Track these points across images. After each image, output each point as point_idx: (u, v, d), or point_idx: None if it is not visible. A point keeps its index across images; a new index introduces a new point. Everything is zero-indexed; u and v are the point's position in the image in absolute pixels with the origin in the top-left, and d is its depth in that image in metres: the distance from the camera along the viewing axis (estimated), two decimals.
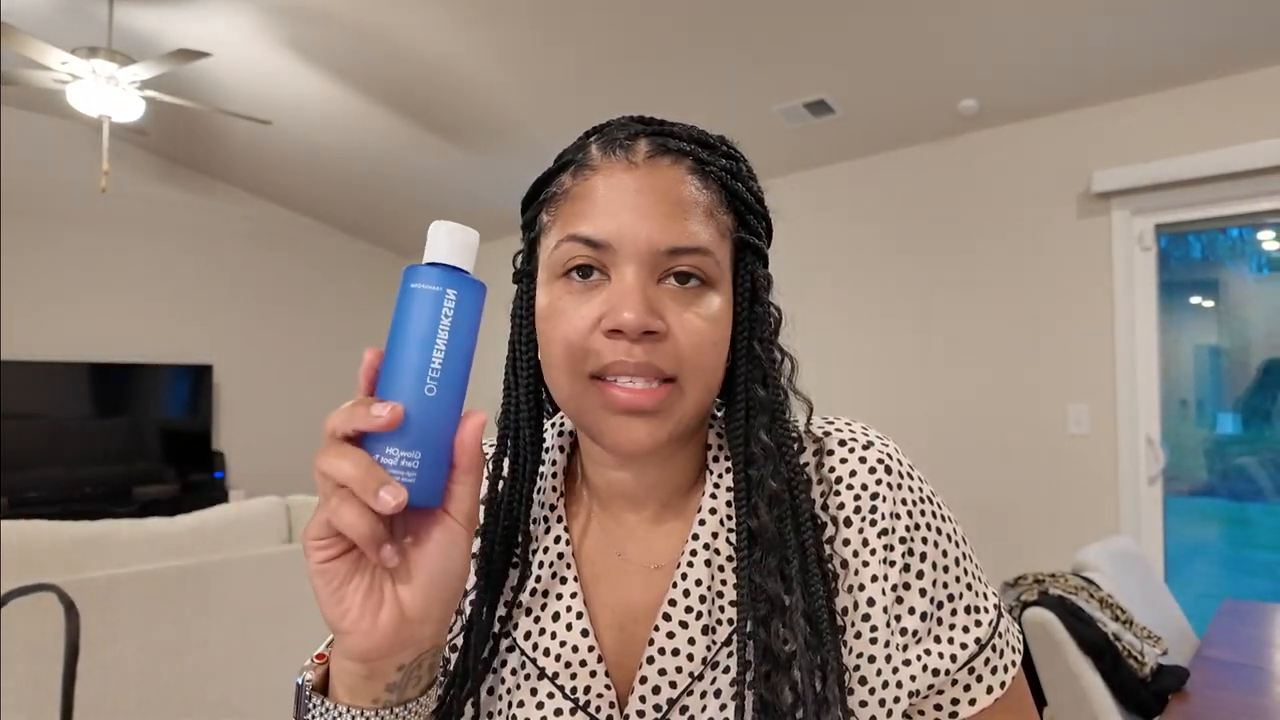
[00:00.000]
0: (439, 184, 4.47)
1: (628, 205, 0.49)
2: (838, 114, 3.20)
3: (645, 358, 0.48)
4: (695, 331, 0.50)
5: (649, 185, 0.50)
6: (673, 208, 0.50)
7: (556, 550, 0.58)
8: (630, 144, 0.51)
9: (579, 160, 0.53)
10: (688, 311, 0.50)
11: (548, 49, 3.01)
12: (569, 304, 0.51)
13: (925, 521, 0.55)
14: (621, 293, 0.48)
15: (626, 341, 0.48)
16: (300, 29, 3.05)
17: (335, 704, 0.45)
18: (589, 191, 0.51)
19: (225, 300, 4.99)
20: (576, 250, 0.50)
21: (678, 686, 0.52)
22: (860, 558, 0.53)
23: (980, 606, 0.56)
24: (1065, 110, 3.01)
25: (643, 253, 0.49)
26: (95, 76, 2.79)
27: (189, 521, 1.88)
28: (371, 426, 0.40)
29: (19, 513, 3.79)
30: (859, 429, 0.58)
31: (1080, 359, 2.97)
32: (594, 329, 0.49)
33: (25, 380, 4.11)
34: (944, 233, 3.33)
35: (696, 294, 0.51)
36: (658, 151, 0.51)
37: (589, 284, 0.51)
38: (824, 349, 3.65)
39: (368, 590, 0.42)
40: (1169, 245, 3.02)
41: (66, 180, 4.32)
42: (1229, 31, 2.46)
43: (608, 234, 0.49)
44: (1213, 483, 3.04)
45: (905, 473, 0.56)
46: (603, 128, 0.55)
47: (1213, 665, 1.60)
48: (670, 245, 0.49)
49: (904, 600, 0.53)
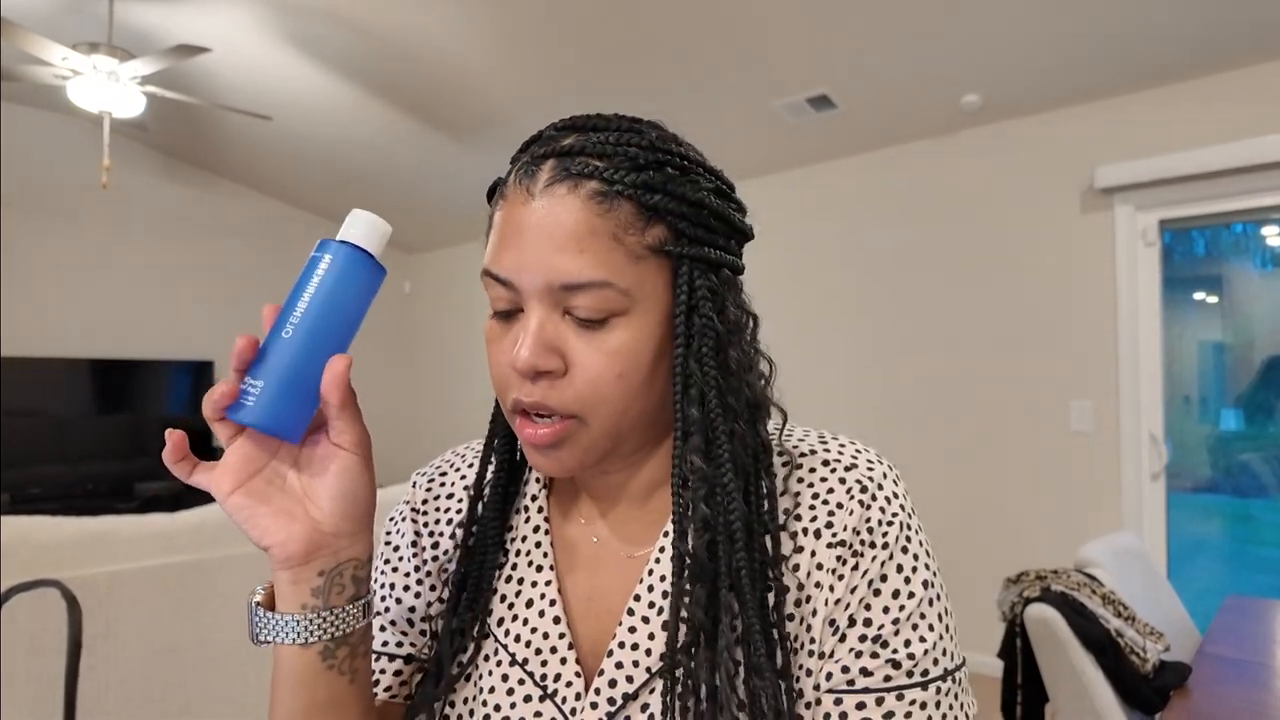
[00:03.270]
0: (439, 179, 4.47)
1: (525, 240, 0.49)
2: (839, 109, 3.19)
3: (539, 396, 0.50)
4: (591, 368, 0.50)
5: (543, 218, 0.49)
6: (566, 241, 0.48)
7: (534, 539, 0.60)
8: (535, 170, 0.51)
9: (501, 183, 0.54)
10: (588, 347, 0.50)
11: (548, 43, 3.00)
12: (495, 336, 0.53)
13: (884, 542, 0.52)
14: (522, 333, 0.50)
15: (525, 380, 0.50)
16: (300, 24, 3.04)
17: (279, 614, 0.49)
18: (499, 223, 0.52)
19: (226, 296, 4.99)
20: (492, 288, 0.52)
21: (634, 681, 0.53)
22: (814, 568, 0.53)
23: (894, 648, 0.50)
24: (1068, 105, 3.00)
25: (540, 290, 0.49)
26: (96, 72, 2.78)
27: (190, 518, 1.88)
28: (234, 354, 0.46)
29: (21, 509, 3.80)
30: (851, 451, 0.57)
31: (1083, 355, 2.96)
32: (510, 362, 0.51)
33: (27, 377, 4.12)
34: (946, 229, 3.32)
35: (598, 327, 0.50)
36: (558, 178, 0.49)
37: (508, 322, 0.53)
38: (824, 345, 3.65)
39: (276, 512, 0.48)
40: (1172, 241, 3.01)
41: (67, 176, 4.32)
42: (1233, 26, 2.45)
43: (508, 272, 0.50)
44: (1216, 479, 3.04)
45: (885, 497, 0.54)
46: (536, 138, 0.55)
47: (1215, 661, 1.60)
48: (562, 282, 0.48)
49: (830, 613, 0.52)
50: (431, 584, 0.63)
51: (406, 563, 0.64)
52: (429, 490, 0.66)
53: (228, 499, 0.47)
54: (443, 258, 5.77)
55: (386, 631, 0.63)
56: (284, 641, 0.49)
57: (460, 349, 5.55)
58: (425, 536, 0.64)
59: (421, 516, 0.65)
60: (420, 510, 0.65)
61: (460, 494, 0.65)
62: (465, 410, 5.28)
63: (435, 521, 0.64)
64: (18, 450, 4.07)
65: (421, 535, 0.64)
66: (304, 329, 0.47)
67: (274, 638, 0.49)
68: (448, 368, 5.65)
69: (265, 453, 0.49)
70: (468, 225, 5.15)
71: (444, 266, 5.76)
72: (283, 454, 0.50)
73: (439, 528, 0.64)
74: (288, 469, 0.50)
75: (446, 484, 0.66)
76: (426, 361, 5.84)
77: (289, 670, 0.50)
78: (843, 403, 3.59)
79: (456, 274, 5.61)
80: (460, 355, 5.53)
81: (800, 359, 3.70)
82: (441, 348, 5.73)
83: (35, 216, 4.24)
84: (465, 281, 5.51)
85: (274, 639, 0.49)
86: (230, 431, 0.48)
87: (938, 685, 0.50)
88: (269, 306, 0.48)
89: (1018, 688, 1.72)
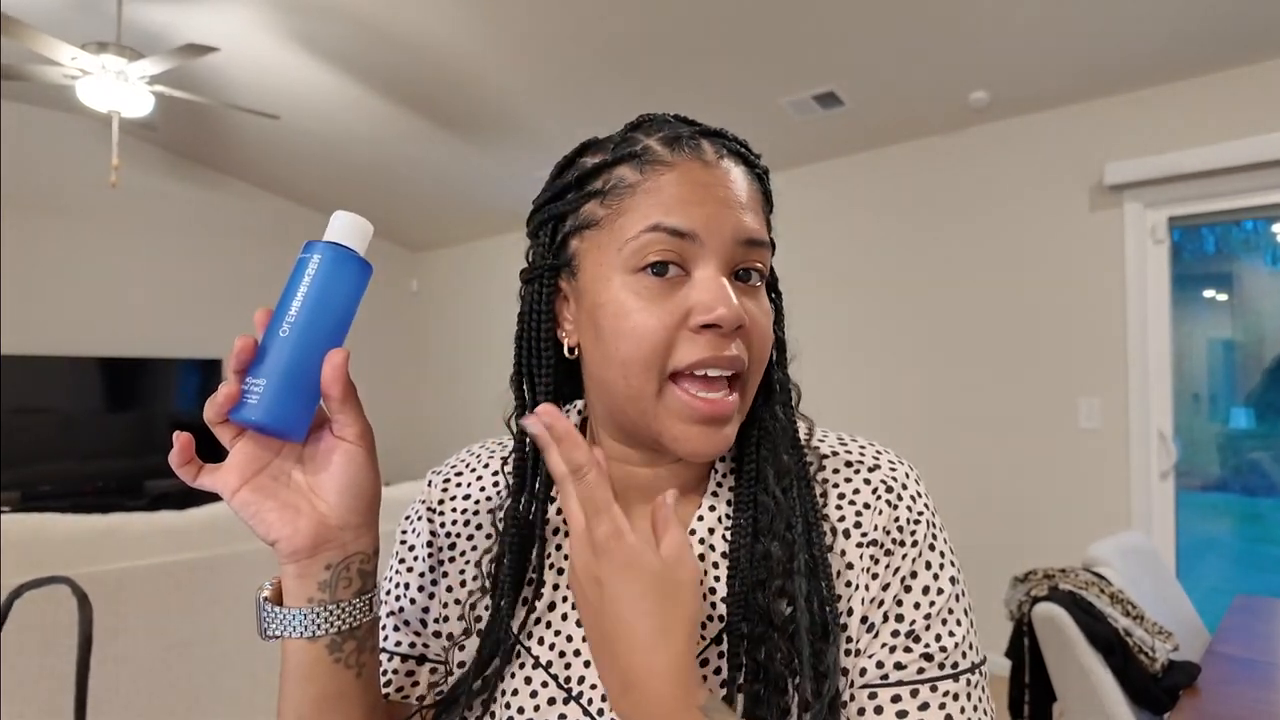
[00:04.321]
0: (448, 178, 4.47)
1: (712, 198, 0.51)
2: (846, 106, 3.18)
3: (738, 352, 0.51)
4: (763, 327, 0.53)
5: (728, 181, 0.52)
6: (749, 201, 0.53)
7: (555, 541, 0.59)
8: (696, 144, 0.53)
9: (642, 155, 0.52)
10: (755, 305, 0.53)
11: (556, 42, 3.00)
12: (646, 299, 0.50)
13: (914, 539, 0.54)
14: (714, 288, 0.50)
15: (719, 337, 0.50)
16: (308, 23, 3.05)
17: (287, 609, 0.50)
18: (665, 185, 0.51)
19: (233, 295, 5.00)
20: (659, 241, 0.50)
21: None
22: (844, 566, 0.54)
23: (926, 642, 0.51)
24: (1077, 102, 2.99)
25: (726, 243, 0.51)
26: (105, 72, 2.79)
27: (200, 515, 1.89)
28: (232, 356, 0.47)
29: (32, 506, 3.83)
30: (872, 452, 0.58)
31: (1092, 353, 2.95)
32: (680, 325, 0.50)
33: (37, 375, 4.14)
34: (954, 226, 3.31)
35: (757, 290, 0.54)
36: (725, 152, 0.54)
37: (666, 280, 0.50)
38: (831, 342, 3.64)
39: (282, 506, 0.49)
40: (1182, 238, 2.99)
41: (76, 175, 4.34)
42: (1243, 22, 2.43)
43: (694, 225, 0.50)
44: (1225, 477, 3.02)
45: (910, 496, 0.56)
46: (645, 124, 0.55)
47: (1224, 661, 1.59)
48: (748, 236, 0.52)
49: (863, 610, 0.53)
50: (447, 585, 0.62)
51: (421, 563, 0.63)
52: (445, 490, 0.65)
53: (234, 496, 0.48)
54: (450, 256, 5.78)
55: (400, 631, 0.62)
56: (291, 636, 0.50)
57: (468, 346, 5.55)
58: (441, 537, 0.63)
59: (438, 516, 0.64)
60: (436, 510, 0.64)
61: (477, 495, 0.64)
62: (474, 407, 5.29)
63: (452, 523, 0.64)
64: (28, 448, 4.09)
65: (438, 535, 0.63)
66: (299, 327, 0.47)
67: (281, 632, 0.50)
68: (456, 365, 5.66)
69: (269, 450, 0.50)
70: (475, 223, 5.16)
71: (451, 264, 5.76)
72: (287, 450, 0.50)
73: (455, 529, 0.63)
74: (292, 465, 0.50)
75: (463, 484, 0.65)
76: (434, 358, 5.85)
77: (297, 664, 0.50)
78: (850, 400, 3.58)
79: (464, 272, 5.61)
80: (468, 352, 5.54)
81: (807, 356, 3.68)
82: (449, 345, 5.73)
83: (44, 215, 4.26)
84: (473, 279, 5.51)
85: (282, 633, 0.50)
86: (233, 433, 0.48)
87: (967, 678, 0.52)
88: (261, 310, 0.48)
89: (1025, 687, 1.71)
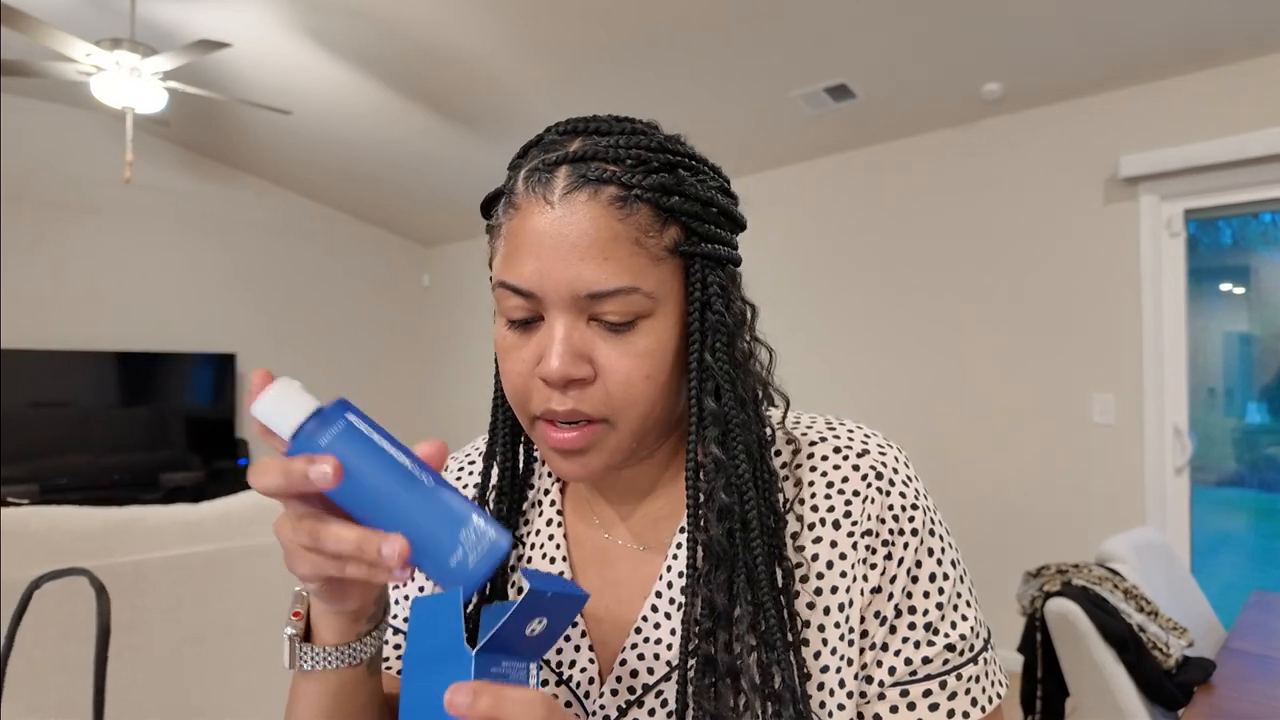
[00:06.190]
0: (459, 172, 4.48)
1: (547, 250, 0.49)
2: (858, 99, 3.16)
3: (571, 405, 0.50)
4: (622, 372, 0.50)
5: (566, 227, 0.49)
6: (590, 248, 0.48)
7: (548, 532, 0.62)
8: (549, 177, 0.50)
9: (508, 191, 0.53)
10: (616, 351, 0.50)
11: (565, 35, 3.00)
12: (511, 345, 0.52)
13: (913, 528, 0.54)
14: (548, 342, 0.49)
15: (555, 390, 0.50)
16: (319, 19, 3.06)
17: (324, 646, 0.50)
18: (513, 232, 0.51)
19: (247, 290, 5.04)
20: (507, 297, 0.51)
21: (655, 674, 0.54)
22: (837, 557, 0.54)
23: (945, 633, 0.53)
24: (1091, 94, 2.96)
25: (565, 299, 0.49)
26: (118, 68, 2.81)
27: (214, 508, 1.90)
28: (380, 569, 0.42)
29: (50, 498, 3.88)
30: (860, 436, 0.58)
31: (1106, 347, 2.93)
32: (532, 371, 0.51)
33: (54, 369, 4.19)
34: (968, 219, 3.29)
35: (626, 331, 0.50)
36: (575, 185, 0.49)
37: (529, 328, 0.52)
38: (844, 335, 3.63)
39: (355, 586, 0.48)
40: (1198, 231, 2.96)
41: (91, 171, 4.38)
42: (1259, 12, 2.40)
43: (530, 283, 0.49)
44: (1241, 473, 2.99)
45: (902, 481, 0.55)
46: (536, 142, 0.55)
47: (1240, 657, 1.58)
48: (589, 291, 0.48)
49: (873, 604, 0.53)
50: None
51: None
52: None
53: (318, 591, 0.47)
54: (461, 250, 5.79)
55: (400, 605, 0.65)
56: (329, 668, 0.50)
57: (480, 341, 5.57)
58: None
59: None
60: None
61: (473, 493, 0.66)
62: (486, 401, 5.29)
63: None
64: (47, 441, 4.14)
65: None
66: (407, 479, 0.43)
67: (317, 665, 0.50)
68: (468, 359, 5.68)
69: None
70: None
71: (462, 259, 5.78)
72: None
73: None
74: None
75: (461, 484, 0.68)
76: (445, 353, 5.88)
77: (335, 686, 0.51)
78: (863, 393, 3.57)
79: (475, 267, 5.63)
80: (480, 347, 5.55)
81: (820, 349, 3.68)
82: (460, 340, 5.76)
83: (59, 211, 4.30)
84: (484, 274, 5.50)
85: (317, 666, 0.50)
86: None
87: (983, 656, 0.54)
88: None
89: (1038, 682, 1.71)
